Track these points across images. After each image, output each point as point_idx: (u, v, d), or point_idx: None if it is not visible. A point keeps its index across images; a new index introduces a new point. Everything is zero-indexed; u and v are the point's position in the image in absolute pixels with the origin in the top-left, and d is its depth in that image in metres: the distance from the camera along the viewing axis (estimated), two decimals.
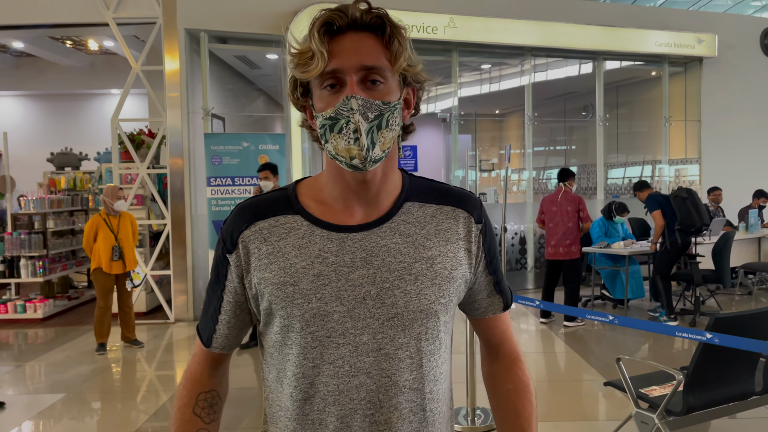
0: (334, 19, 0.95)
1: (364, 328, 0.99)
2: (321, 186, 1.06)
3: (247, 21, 7.26)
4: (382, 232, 1.02)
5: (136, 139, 7.38)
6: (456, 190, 1.12)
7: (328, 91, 0.96)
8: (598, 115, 9.12)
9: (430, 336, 1.03)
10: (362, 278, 0.99)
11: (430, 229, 1.05)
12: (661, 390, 3.18)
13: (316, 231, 1.01)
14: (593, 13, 8.95)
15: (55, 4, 7.03)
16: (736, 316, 3.04)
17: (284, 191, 1.07)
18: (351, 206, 1.03)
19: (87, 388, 4.82)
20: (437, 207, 1.08)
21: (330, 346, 0.99)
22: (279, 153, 6.86)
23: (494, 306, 1.17)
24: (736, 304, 7.47)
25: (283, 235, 1.02)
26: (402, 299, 0.99)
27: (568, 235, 6.39)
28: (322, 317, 0.98)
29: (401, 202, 1.06)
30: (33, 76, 10.98)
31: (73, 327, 6.93)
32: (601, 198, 9.18)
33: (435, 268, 1.03)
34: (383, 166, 1.01)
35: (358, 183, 1.00)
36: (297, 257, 1.00)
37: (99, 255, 5.66)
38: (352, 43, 0.95)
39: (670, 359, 5.33)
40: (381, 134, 0.95)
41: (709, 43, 9.22)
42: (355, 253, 1.00)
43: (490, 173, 12.43)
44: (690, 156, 9.73)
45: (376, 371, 0.99)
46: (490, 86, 11.33)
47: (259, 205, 1.05)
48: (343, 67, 0.94)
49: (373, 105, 0.94)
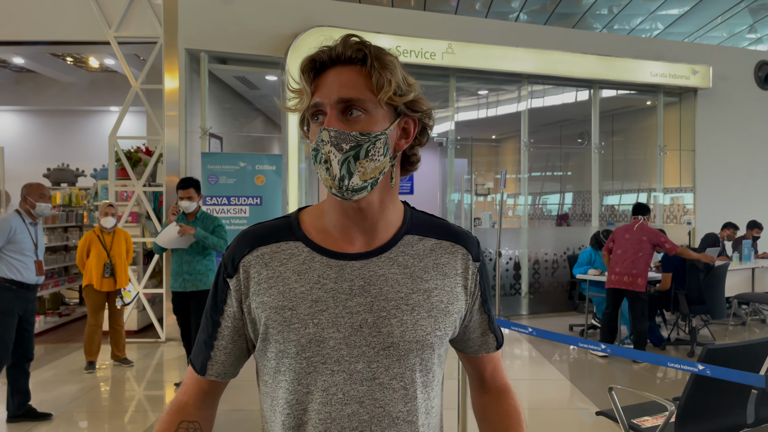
0: (318, 56, 0.99)
1: (359, 356, 0.98)
2: (322, 214, 1.07)
3: (248, 42, 7.33)
4: (381, 261, 1.03)
5: (133, 157, 7.39)
6: (456, 227, 1.13)
7: (315, 123, 1.00)
8: (594, 142, 9.19)
9: (425, 368, 1.03)
10: (359, 306, 0.99)
11: (429, 263, 1.06)
12: (653, 421, 3.16)
13: (317, 257, 1.02)
14: (590, 42, 9.07)
15: (57, 21, 7.09)
16: (728, 347, 3.04)
17: (287, 219, 1.09)
18: (350, 234, 1.04)
19: (75, 407, 4.76)
20: (437, 241, 1.09)
21: (324, 372, 0.98)
22: (276, 173, 6.88)
23: (488, 345, 1.18)
24: (730, 334, 7.46)
25: (284, 261, 1.03)
26: (398, 329, 0.99)
27: (636, 264, 6.06)
28: (318, 343, 0.98)
29: (401, 234, 1.07)
30: (32, 92, 11.03)
31: (63, 344, 6.86)
32: (596, 225, 9.20)
33: (432, 300, 1.03)
34: (380, 196, 1.03)
35: (354, 211, 1.02)
36: (296, 282, 1.00)
37: (91, 271, 5.63)
38: (334, 77, 0.98)
39: (662, 389, 5.31)
40: (360, 164, 0.97)
41: (703, 74, 9.34)
42: (354, 280, 1.01)
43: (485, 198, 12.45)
44: (684, 185, 9.80)
45: (369, 401, 0.98)
46: (487, 111, 11.42)
47: (263, 232, 1.07)
48: (322, 101, 0.98)
49: (348, 136, 0.96)
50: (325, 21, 7.36)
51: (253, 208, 6.67)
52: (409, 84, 1.01)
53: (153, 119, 7.16)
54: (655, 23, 11.68)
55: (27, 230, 4.36)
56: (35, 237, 4.44)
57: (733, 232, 8.48)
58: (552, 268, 8.90)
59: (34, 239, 4.43)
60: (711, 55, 9.69)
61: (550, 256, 8.91)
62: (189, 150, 7.25)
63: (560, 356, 6.42)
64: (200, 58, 7.38)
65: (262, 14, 7.40)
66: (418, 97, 1.03)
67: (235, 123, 10.09)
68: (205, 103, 7.42)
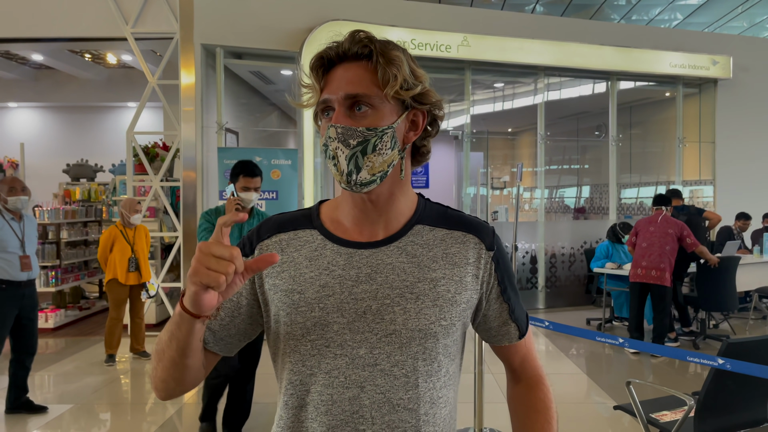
0: (326, 53, 1.02)
1: (362, 341, 1.00)
2: (337, 206, 1.11)
3: (263, 37, 7.35)
4: (389, 250, 1.05)
5: (150, 152, 7.45)
6: (470, 218, 1.14)
7: (325, 119, 1.04)
8: (611, 134, 9.10)
9: (428, 357, 1.03)
10: (365, 293, 1.01)
11: (438, 252, 1.07)
12: (672, 415, 3.13)
13: (328, 245, 1.06)
14: (607, 33, 8.96)
15: (74, 18, 7.15)
16: (749, 341, 3.00)
17: (309, 210, 1.13)
18: (361, 225, 1.07)
19: (95, 399, 4.83)
20: (448, 232, 1.10)
21: (327, 355, 1.01)
22: (291, 168, 6.90)
23: (510, 334, 1.18)
24: (750, 328, 7.36)
25: (298, 247, 1.07)
26: (401, 317, 1.01)
27: (663, 258, 5.92)
28: (322, 326, 1.00)
29: (412, 224, 1.08)
30: (51, 89, 11.17)
31: (83, 337, 6.96)
32: (613, 218, 9.12)
33: (438, 290, 1.04)
34: (389, 188, 1.05)
35: (364, 202, 1.05)
36: (307, 267, 1.04)
37: (115, 266, 5.70)
38: (341, 74, 1.01)
39: (681, 384, 5.26)
40: (367, 159, 0.99)
41: (723, 65, 9.19)
42: (361, 268, 1.03)
43: (501, 191, 12.42)
44: (704, 177, 9.67)
45: (370, 386, 1.00)
46: (503, 104, 11.35)
47: (285, 219, 1.11)
48: (330, 98, 1.01)
49: (356, 132, 0.99)
50: (340, 15, 7.35)
51: (269, 203, 6.70)
52: (416, 77, 1.02)
53: (170, 114, 7.21)
54: (674, 13, 11.50)
55: (9, 227, 4.29)
56: (20, 233, 4.36)
57: (745, 222, 8.33)
58: (569, 262, 8.84)
59: (19, 235, 4.35)
60: (731, 45, 9.53)
61: (567, 249, 8.85)
62: (205, 145, 7.30)
63: (577, 350, 6.38)
64: (216, 53, 7.42)
65: (277, 9, 7.41)
66: (426, 89, 1.04)
67: (251, 118, 10.12)
68: (221, 98, 7.45)
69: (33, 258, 4.43)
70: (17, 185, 4.35)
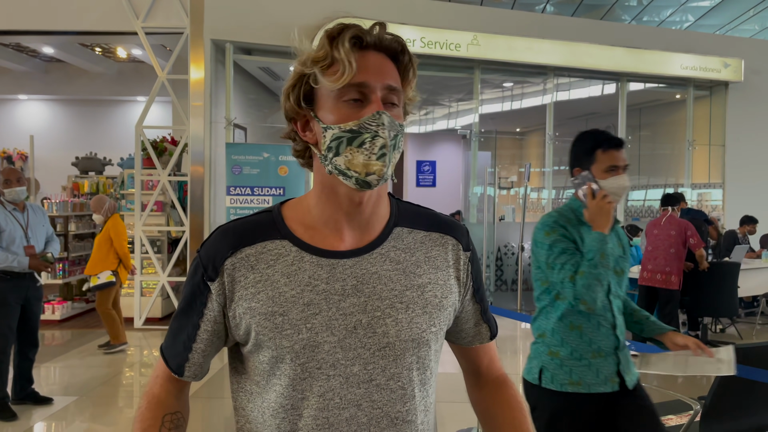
0: (362, 34, 0.95)
1: (355, 358, 0.95)
2: (308, 208, 1.01)
3: (272, 33, 7.35)
4: (373, 258, 0.99)
5: (158, 146, 7.47)
6: (443, 217, 1.11)
7: (350, 104, 0.93)
8: (621, 136, 9.04)
9: (422, 365, 1.01)
10: (353, 306, 0.95)
11: (420, 256, 1.03)
12: (678, 419, 3.12)
13: (306, 257, 0.97)
14: (618, 34, 8.92)
15: (85, 11, 7.18)
16: (757, 346, 2.98)
17: (269, 214, 1.02)
18: (341, 230, 0.99)
19: (101, 391, 4.85)
20: (426, 233, 1.06)
21: (320, 377, 0.95)
22: (298, 165, 6.89)
23: (481, 335, 1.15)
24: (758, 333, 7.32)
25: (271, 263, 0.96)
26: (393, 328, 0.97)
27: (669, 262, 5.80)
28: (312, 348, 0.94)
29: (390, 227, 1.03)
30: (62, 82, 11.21)
31: (89, 329, 6.99)
32: (621, 220, 9.08)
33: (426, 296, 1.00)
34: (379, 189, 0.99)
35: (353, 204, 0.97)
36: (286, 285, 0.95)
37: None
38: (378, 62, 0.95)
39: (687, 388, 5.23)
40: (394, 154, 0.95)
41: (735, 67, 9.13)
42: (346, 280, 0.96)
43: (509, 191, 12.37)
44: (713, 180, 9.61)
45: (367, 403, 0.96)
46: (512, 104, 11.32)
47: (244, 229, 0.99)
48: (371, 83, 0.93)
49: (395, 125, 0.94)
50: (350, 12, 7.26)
51: (276, 199, 6.71)
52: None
53: (179, 109, 7.22)
54: (686, 15, 11.44)
55: (11, 218, 4.26)
56: (23, 223, 4.34)
57: (753, 227, 8.27)
58: None
59: (23, 225, 4.31)
60: (743, 48, 9.47)
61: None
62: (213, 140, 7.31)
63: None
64: (225, 48, 7.43)
65: (287, 5, 7.41)
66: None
67: (260, 114, 10.13)
68: (229, 94, 7.46)
69: (39, 249, 4.40)
70: (12, 177, 4.28)
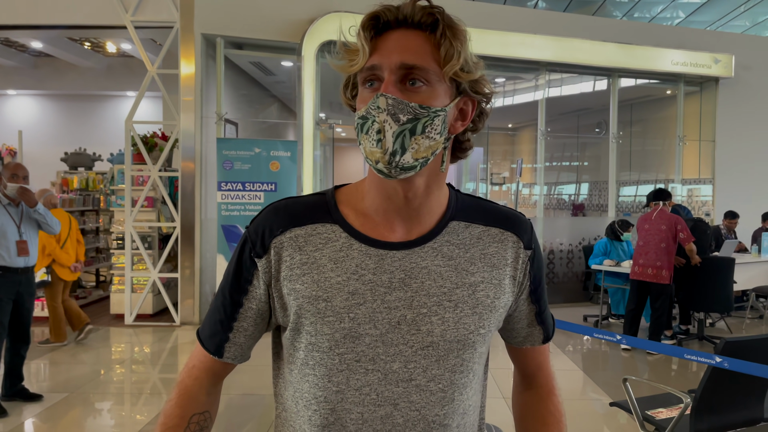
0: (383, 14, 0.89)
1: (396, 354, 0.92)
2: (362, 195, 0.98)
3: (264, 28, 7.31)
4: (424, 252, 0.94)
5: (149, 142, 7.42)
6: (506, 210, 1.04)
7: (367, 89, 0.90)
8: (612, 132, 9.08)
9: (465, 368, 0.96)
10: (399, 301, 0.92)
11: (475, 253, 0.97)
12: (668, 413, 3.13)
13: (355, 245, 0.94)
14: (609, 30, 8.93)
15: (74, 5, 7.11)
16: (746, 340, 3.00)
17: (323, 197, 0.99)
18: (391, 220, 0.95)
19: (90, 388, 4.82)
20: (484, 228, 1.00)
21: (358, 371, 0.92)
22: (290, 160, 6.87)
23: (533, 337, 1.10)
24: (747, 327, 7.37)
25: (319, 246, 0.94)
26: (439, 327, 0.92)
27: (660, 256, 5.86)
28: (353, 339, 0.91)
29: (446, 221, 0.97)
30: (51, 76, 11.12)
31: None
32: (612, 215, 9.12)
33: (477, 296, 0.95)
34: (426, 180, 0.93)
35: (397, 194, 0.93)
36: (332, 271, 0.92)
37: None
38: (397, 40, 0.88)
39: (677, 381, 5.27)
40: (414, 140, 0.87)
41: (725, 63, 9.17)
42: (394, 272, 0.93)
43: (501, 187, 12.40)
44: (703, 176, 9.66)
45: (404, 403, 0.92)
46: (504, 100, 11.32)
47: (296, 209, 0.97)
48: (381, 64, 0.88)
49: (407, 107, 0.86)
50: (341, 6, 7.31)
51: (267, 194, 6.68)
52: (475, 61, 0.93)
53: (169, 104, 7.17)
54: (677, 11, 11.48)
55: (4, 212, 4.24)
56: (17, 218, 4.31)
57: (732, 221, 8.33)
58: (567, 258, 8.84)
59: (17, 220, 4.29)
60: (733, 43, 9.51)
61: (565, 246, 8.85)
62: (204, 135, 7.27)
63: (574, 347, 6.39)
64: (216, 43, 7.38)
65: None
66: (483, 77, 0.94)
67: (251, 109, 10.09)
68: (220, 89, 7.42)
69: (32, 244, 4.39)
70: (20, 173, 4.28)
